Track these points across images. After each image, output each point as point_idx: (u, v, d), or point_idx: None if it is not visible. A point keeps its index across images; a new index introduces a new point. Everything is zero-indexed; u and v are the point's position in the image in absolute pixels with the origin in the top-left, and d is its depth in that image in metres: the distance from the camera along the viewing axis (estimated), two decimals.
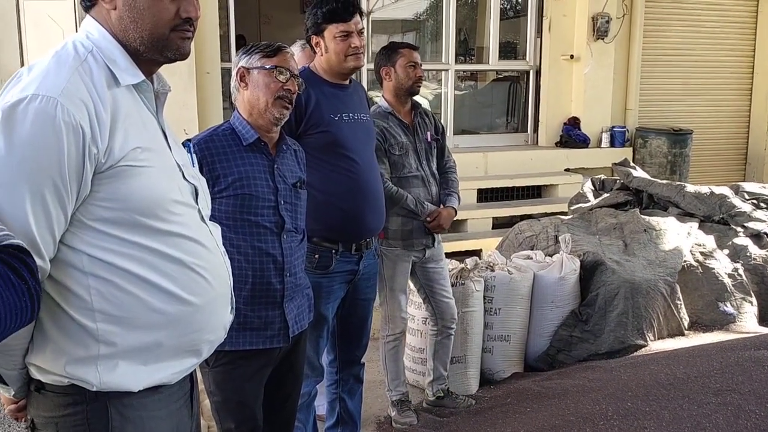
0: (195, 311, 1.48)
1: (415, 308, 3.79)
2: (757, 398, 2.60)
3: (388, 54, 3.30)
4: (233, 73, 2.32)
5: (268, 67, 2.24)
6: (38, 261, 1.30)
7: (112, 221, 1.38)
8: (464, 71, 8.37)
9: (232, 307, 1.64)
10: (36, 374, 1.41)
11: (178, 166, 1.54)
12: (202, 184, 1.64)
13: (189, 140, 2.10)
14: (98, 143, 1.33)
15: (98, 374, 1.38)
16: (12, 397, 1.49)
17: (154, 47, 1.45)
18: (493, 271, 3.98)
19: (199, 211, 1.57)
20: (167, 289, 1.43)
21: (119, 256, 1.38)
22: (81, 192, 1.34)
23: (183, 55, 1.50)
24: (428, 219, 3.27)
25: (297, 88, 2.29)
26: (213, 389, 2.28)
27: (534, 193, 7.27)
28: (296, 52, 3.23)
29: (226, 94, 6.59)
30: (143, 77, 1.47)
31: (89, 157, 1.32)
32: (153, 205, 1.41)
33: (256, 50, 2.28)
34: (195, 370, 1.63)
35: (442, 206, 3.37)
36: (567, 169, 7.46)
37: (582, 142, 7.60)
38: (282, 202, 2.27)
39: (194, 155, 1.78)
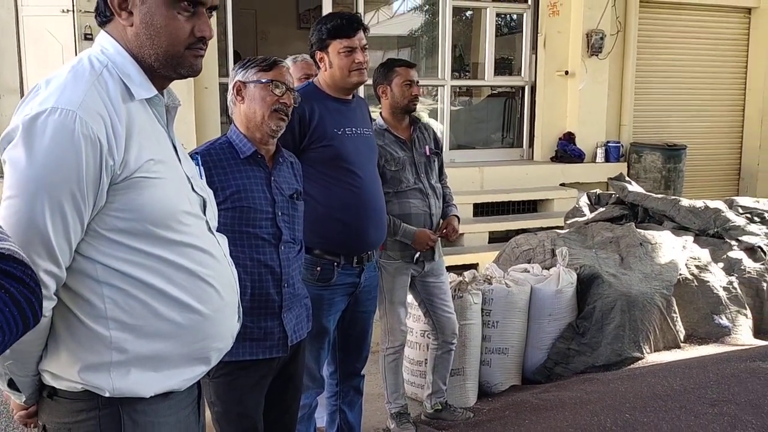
0: (204, 320, 1.51)
1: (413, 321, 3.82)
2: (753, 408, 2.63)
3: (385, 72, 3.33)
4: (230, 87, 2.35)
5: (264, 80, 2.28)
6: (54, 269, 1.34)
7: (126, 231, 1.41)
8: (460, 87, 8.46)
9: (239, 316, 1.67)
10: (50, 381, 1.44)
11: (188, 178, 1.58)
12: (209, 195, 1.67)
13: (197, 153, 2.13)
14: (114, 155, 1.36)
15: (111, 380, 1.41)
16: (23, 403, 1.52)
17: (169, 64, 1.48)
18: (490, 284, 4.01)
19: (207, 222, 1.60)
20: (178, 298, 1.46)
21: (132, 266, 1.41)
22: (97, 202, 1.37)
23: (195, 72, 1.53)
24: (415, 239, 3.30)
25: (293, 101, 2.33)
26: (214, 400, 2.29)
27: (530, 207, 7.33)
28: (288, 66, 3.29)
29: (224, 109, 6.65)
30: (156, 92, 1.51)
31: (106, 169, 1.35)
32: (165, 216, 1.45)
33: (252, 64, 2.32)
34: (200, 381, 1.65)
35: (442, 221, 3.43)
36: (562, 184, 7.53)
37: (577, 157, 7.68)
38: (279, 214, 2.30)
39: (202, 168, 1.82)
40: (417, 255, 3.35)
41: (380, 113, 3.40)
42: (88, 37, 6.16)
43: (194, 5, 1.47)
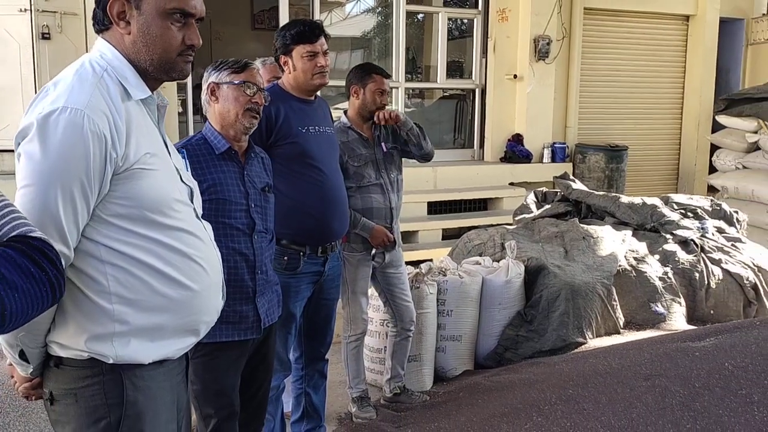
0: (194, 296, 1.70)
1: (373, 311, 4.03)
2: (682, 381, 2.92)
3: (361, 74, 3.53)
4: (204, 88, 2.53)
5: (236, 82, 2.47)
6: (65, 249, 1.51)
7: (126, 216, 1.59)
8: (413, 89, 8.70)
9: (223, 294, 1.87)
10: (57, 351, 1.60)
11: (177, 170, 1.76)
12: (195, 186, 1.86)
13: (184, 147, 2.30)
14: (117, 149, 1.54)
15: (114, 349, 1.59)
16: (29, 374, 1.68)
17: (162, 68, 1.67)
18: (445, 275, 4.25)
19: (194, 209, 1.79)
20: (172, 276, 1.65)
21: (132, 247, 1.59)
22: (102, 191, 1.55)
23: (184, 76, 1.73)
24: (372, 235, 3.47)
25: (263, 100, 2.52)
26: (193, 378, 2.44)
27: (481, 205, 7.61)
28: (258, 68, 3.47)
29: (181, 105, 6.78)
30: (150, 93, 1.69)
31: (110, 161, 1.53)
32: (159, 203, 1.63)
33: (224, 67, 2.50)
34: (188, 352, 1.84)
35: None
36: (511, 183, 7.83)
37: (525, 157, 8.00)
38: (252, 206, 2.48)
39: (188, 161, 2.00)
40: (373, 252, 3.56)
41: (345, 111, 3.60)
42: (46, 37, 6.21)
43: (185, 17, 1.66)
